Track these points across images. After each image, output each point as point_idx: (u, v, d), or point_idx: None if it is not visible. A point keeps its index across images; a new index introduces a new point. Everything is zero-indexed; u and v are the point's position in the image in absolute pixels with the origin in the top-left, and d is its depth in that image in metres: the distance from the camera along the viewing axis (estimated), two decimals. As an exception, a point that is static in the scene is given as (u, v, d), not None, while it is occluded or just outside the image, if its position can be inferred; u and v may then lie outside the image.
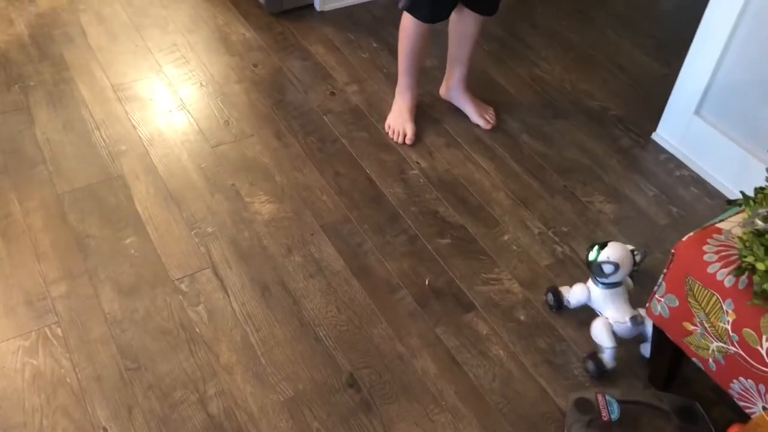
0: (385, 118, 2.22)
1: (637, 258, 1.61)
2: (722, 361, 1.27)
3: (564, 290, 1.68)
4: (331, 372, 1.56)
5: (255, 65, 2.41)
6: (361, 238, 1.85)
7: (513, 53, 2.55)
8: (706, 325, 1.27)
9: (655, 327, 1.45)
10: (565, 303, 1.68)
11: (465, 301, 1.73)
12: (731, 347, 1.24)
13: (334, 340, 1.62)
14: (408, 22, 2.01)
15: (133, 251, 1.78)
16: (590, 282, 1.62)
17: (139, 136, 2.10)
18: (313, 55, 2.47)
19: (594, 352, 1.59)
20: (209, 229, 1.85)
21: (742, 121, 1.96)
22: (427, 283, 1.72)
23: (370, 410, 1.50)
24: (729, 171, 2.02)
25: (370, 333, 1.64)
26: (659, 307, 1.38)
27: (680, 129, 2.12)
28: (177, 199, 1.92)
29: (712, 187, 2.06)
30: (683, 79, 2.07)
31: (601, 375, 1.57)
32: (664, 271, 1.35)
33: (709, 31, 1.94)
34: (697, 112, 2.06)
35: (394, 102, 2.20)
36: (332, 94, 2.31)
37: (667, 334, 1.39)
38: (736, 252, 1.24)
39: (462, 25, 2.08)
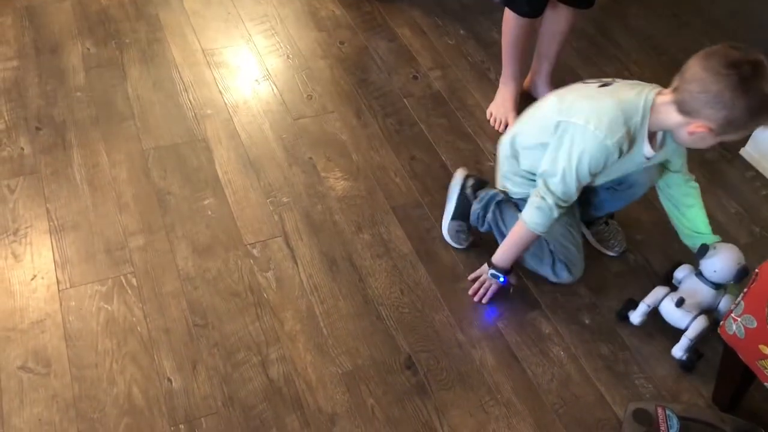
0: (465, 107, 2.21)
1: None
2: (797, 390, 1.23)
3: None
4: (390, 351, 1.58)
5: (341, 42, 2.43)
6: (430, 224, 1.86)
7: (602, 53, 2.50)
8: (785, 351, 1.23)
9: (726, 346, 1.41)
10: (630, 319, 1.67)
11: (530, 298, 1.71)
12: (809, 376, 1.19)
13: (396, 320, 1.64)
14: (509, 15, 2.02)
15: (210, 212, 1.83)
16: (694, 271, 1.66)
17: (225, 102, 2.15)
18: (399, 37, 2.48)
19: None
20: (284, 199, 1.88)
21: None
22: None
23: (425, 393, 1.51)
24: (820, 196, 1.94)
25: (432, 318, 1.65)
26: (734, 327, 1.34)
27: (772, 147, 2.04)
28: (256, 166, 1.96)
29: (800, 210, 1.98)
30: (782, 96, 1.98)
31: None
32: (745, 290, 1.31)
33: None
34: (792, 131, 1.97)
35: (498, 91, 2.20)
36: (415, 78, 2.32)
37: (740, 355, 1.35)
38: (825, 279, 1.19)
39: (554, 21, 2.05)
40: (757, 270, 1.28)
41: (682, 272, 1.72)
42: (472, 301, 1.69)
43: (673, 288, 1.67)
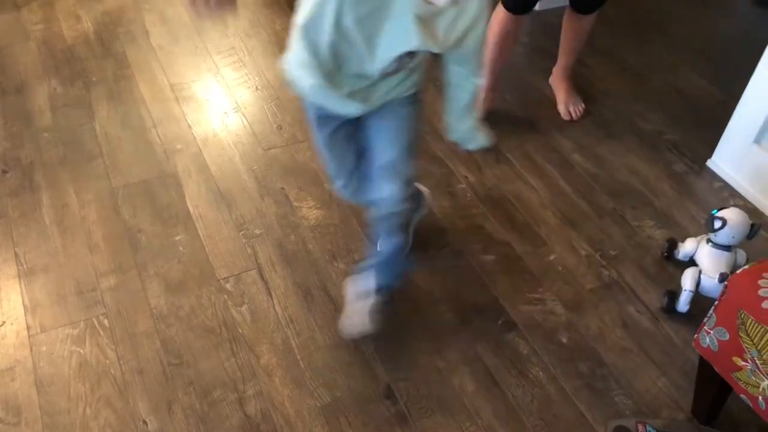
0: (435, 130, 2.22)
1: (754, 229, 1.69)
2: (772, 400, 1.24)
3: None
4: (369, 381, 1.57)
5: (310, 71, 2.44)
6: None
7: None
8: (758, 362, 1.24)
9: (701, 359, 1.42)
10: (675, 255, 1.82)
11: (507, 319, 1.71)
12: (783, 386, 1.20)
13: (373, 349, 1.63)
14: (498, 10, 2.10)
15: (181, 248, 1.82)
16: (703, 239, 1.75)
17: (194, 136, 2.15)
18: (367, 64, 2.49)
19: (674, 290, 1.72)
20: (257, 231, 1.87)
21: (804, 153, 1.90)
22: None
23: (405, 422, 1.50)
24: (787, 203, 1.97)
25: (410, 345, 1.64)
26: (708, 340, 1.34)
27: (737, 157, 2.07)
28: (227, 199, 1.95)
29: (769, 218, 2.01)
30: (744, 106, 2.02)
31: (671, 311, 1.71)
32: (716, 303, 1.32)
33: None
34: (757, 141, 2.01)
35: None
36: (384, 103, 2.33)
37: (715, 368, 1.36)
38: (793, 289, 1.20)
39: (569, 17, 2.19)
40: (726, 283, 1.29)
41: (690, 247, 1.80)
42: (449, 327, 1.68)
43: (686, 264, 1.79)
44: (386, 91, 1.37)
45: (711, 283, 1.68)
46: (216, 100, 2.30)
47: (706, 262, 1.72)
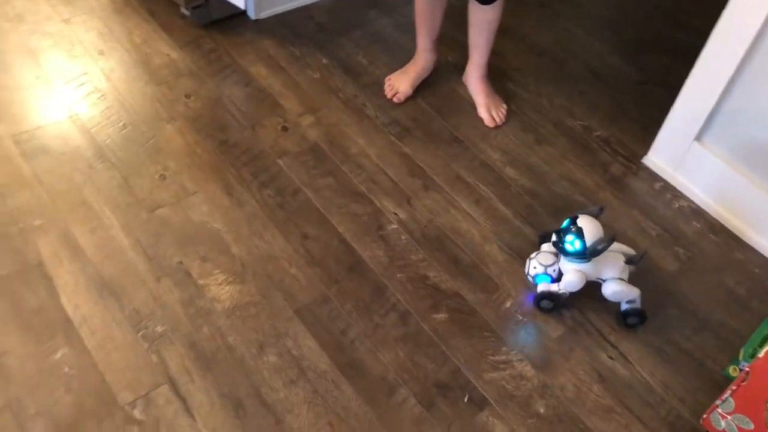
0: (350, 157, 1.92)
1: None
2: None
3: (546, 286, 1.62)
4: None
5: (187, 96, 2.03)
6: (344, 323, 1.57)
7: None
8: (792, 458, 1.09)
9: None
10: (564, 296, 1.61)
11: (476, 395, 1.49)
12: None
13: (333, 467, 1.36)
14: None
15: (67, 369, 1.43)
16: (568, 263, 1.57)
17: (55, 207, 1.71)
18: (254, 78, 2.11)
19: (627, 309, 1.61)
20: (159, 328, 1.51)
21: (752, 151, 1.78)
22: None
23: None
24: (731, 201, 1.85)
25: (374, 453, 1.39)
26: (724, 424, 1.19)
27: (677, 155, 1.93)
28: (114, 290, 1.57)
29: (714, 219, 1.89)
30: (684, 101, 1.85)
31: (644, 320, 1.61)
32: (733, 387, 1.15)
33: (721, 47, 1.71)
34: (698, 138, 1.87)
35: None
36: (284, 129, 1.98)
37: (732, 452, 1.21)
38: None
39: (472, 8, 1.94)
40: (747, 368, 1.12)
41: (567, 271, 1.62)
42: (414, 417, 1.43)
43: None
44: None
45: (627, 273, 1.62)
46: (74, 149, 1.85)
47: (608, 270, 1.58)
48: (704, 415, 1.24)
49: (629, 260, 1.60)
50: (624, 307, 1.62)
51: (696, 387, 1.52)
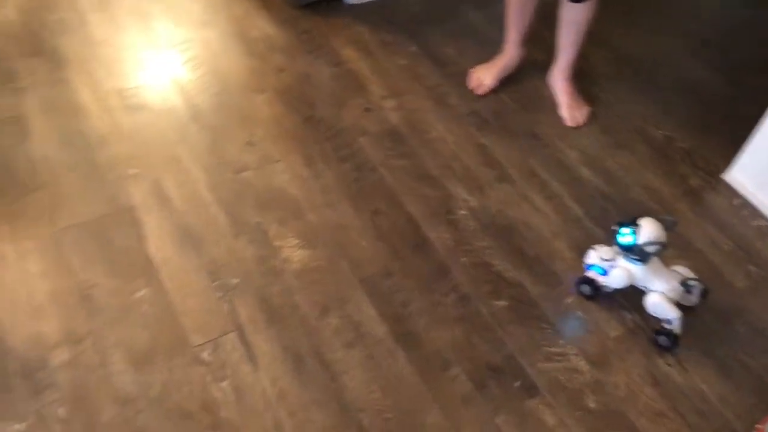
0: (428, 142, 1.97)
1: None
2: None
3: (594, 275, 1.63)
4: (378, 471, 1.36)
5: (280, 70, 2.13)
6: (405, 297, 1.62)
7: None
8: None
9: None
10: (607, 289, 1.63)
11: (527, 382, 1.51)
12: None
13: (380, 430, 1.41)
14: None
15: (146, 307, 1.54)
16: (625, 262, 1.57)
17: (150, 158, 1.83)
18: (344, 60, 2.19)
19: (661, 327, 1.57)
20: (233, 281, 1.61)
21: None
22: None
23: None
24: (814, 225, 1.81)
25: (422, 422, 1.43)
26: (777, 435, 1.17)
27: (760, 174, 1.89)
28: (195, 240, 1.67)
29: (793, 241, 1.85)
30: (772, 120, 1.82)
31: (675, 345, 1.57)
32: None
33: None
34: (784, 157, 1.83)
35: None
36: (367, 110, 2.05)
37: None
38: None
39: (564, 8, 1.95)
40: None
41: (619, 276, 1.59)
42: (463, 395, 1.47)
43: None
44: None
45: (677, 293, 1.58)
46: (172, 109, 1.97)
47: (657, 282, 1.56)
48: (758, 425, 1.23)
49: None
50: (661, 324, 1.59)
51: (753, 405, 1.50)
